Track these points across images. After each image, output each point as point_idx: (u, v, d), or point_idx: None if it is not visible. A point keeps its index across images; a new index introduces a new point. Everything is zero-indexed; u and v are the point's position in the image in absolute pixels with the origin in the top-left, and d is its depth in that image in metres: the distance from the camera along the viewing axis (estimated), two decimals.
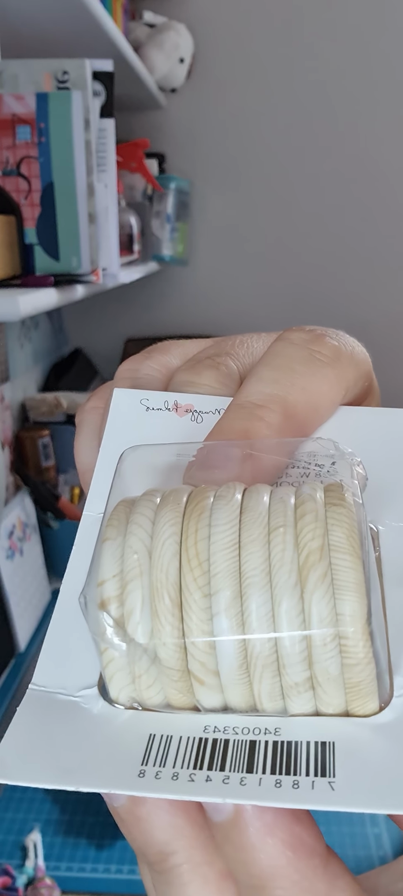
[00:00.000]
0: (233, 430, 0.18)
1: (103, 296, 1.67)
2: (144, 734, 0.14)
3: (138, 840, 0.14)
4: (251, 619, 0.14)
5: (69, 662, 0.16)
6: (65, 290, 0.75)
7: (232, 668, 0.14)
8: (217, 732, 0.14)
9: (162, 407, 0.19)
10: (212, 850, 0.14)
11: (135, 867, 0.66)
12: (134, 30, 1.40)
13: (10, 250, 0.75)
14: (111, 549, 0.15)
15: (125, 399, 0.19)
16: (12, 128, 0.76)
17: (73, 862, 0.67)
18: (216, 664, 0.14)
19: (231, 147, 1.58)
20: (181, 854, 0.14)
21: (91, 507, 0.18)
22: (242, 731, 0.14)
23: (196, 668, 0.14)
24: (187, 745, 0.14)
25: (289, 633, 0.14)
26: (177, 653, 0.14)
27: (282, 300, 1.65)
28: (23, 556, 1.08)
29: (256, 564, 0.14)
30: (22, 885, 0.64)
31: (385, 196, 1.58)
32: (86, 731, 0.14)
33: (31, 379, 1.40)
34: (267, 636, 0.14)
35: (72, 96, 0.76)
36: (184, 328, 1.69)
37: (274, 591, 0.14)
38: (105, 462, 0.18)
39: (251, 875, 0.14)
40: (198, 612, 0.14)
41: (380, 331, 1.65)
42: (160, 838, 0.14)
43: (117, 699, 0.15)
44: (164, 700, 0.15)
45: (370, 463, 0.18)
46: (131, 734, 0.14)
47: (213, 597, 0.14)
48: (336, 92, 1.54)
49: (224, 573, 0.14)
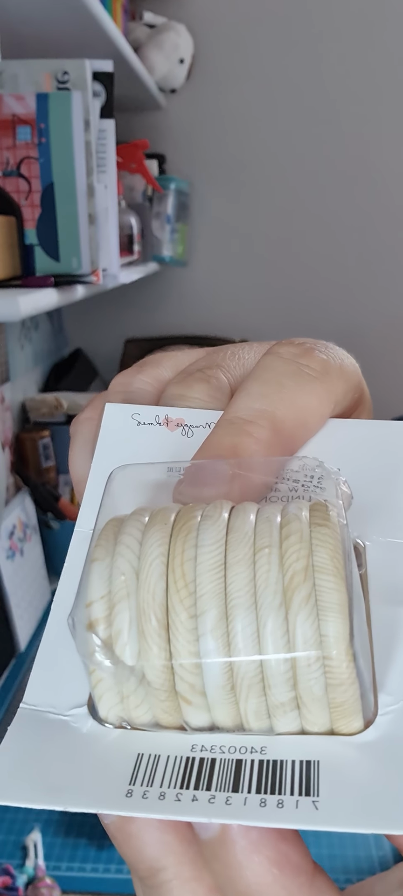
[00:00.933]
0: (222, 447, 0.18)
1: (103, 296, 1.67)
2: (132, 753, 0.14)
3: (129, 855, 0.15)
4: (236, 639, 0.14)
5: (60, 682, 0.16)
6: (65, 290, 0.75)
7: (219, 688, 0.14)
8: (204, 751, 0.14)
9: (153, 421, 0.19)
10: (201, 866, 0.14)
11: None
12: (134, 30, 1.40)
13: (10, 251, 0.75)
14: (99, 570, 0.15)
15: (117, 414, 0.19)
16: (12, 128, 0.76)
17: (74, 862, 0.67)
18: (203, 685, 0.14)
19: (231, 148, 1.58)
20: (170, 870, 0.14)
21: (82, 523, 0.18)
22: (229, 749, 0.14)
23: (183, 688, 0.14)
24: (174, 765, 0.14)
25: (275, 656, 0.14)
26: (164, 674, 0.14)
27: (282, 301, 1.65)
28: (23, 557, 1.09)
29: (241, 585, 0.14)
30: (22, 884, 0.64)
31: (386, 198, 1.58)
32: (75, 750, 0.15)
33: (31, 380, 1.40)
34: (252, 658, 0.14)
35: (73, 97, 0.76)
36: (184, 328, 1.69)
37: (260, 611, 0.14)
38: (96, 478, 0.18)
39: (238, 892, 0.14)
40: (185, 634, 0.14)
41: (379, 333, 1.65)
42: (150, 854, 0.14)
43: (106, 718, 0.15)
44: (152, 719, 0.15)
45: (358, 476, 0.18)
46: (120, 753, 0.14)
47: (199, 618, 0.14)
48: (337, 92, 1.54)
49: (209, 594, 0.14)
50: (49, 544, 1.25)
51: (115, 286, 0.93)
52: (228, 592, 0.14)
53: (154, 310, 1.68)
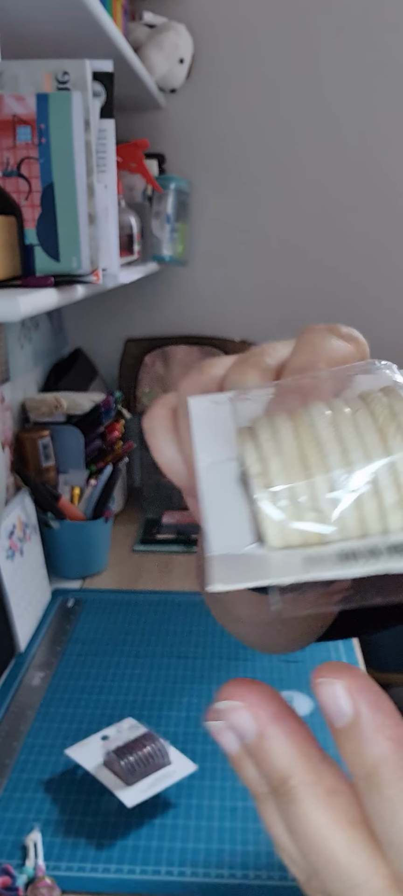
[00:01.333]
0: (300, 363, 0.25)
1: (103, 296, 1.67)
2: (300, 554, 0.20)
3: (265, 767, 0.20)
4: (355, 464, 0.20)
5: (230, 529, 0.21)
6: (65, 290, 0.75)
7: (348, 499, 0.20)
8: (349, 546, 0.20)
9: (227, 402, 0.24)
10: (320, 773, 0.20)
11: (134, 867, 0.66)
12: (133, 30, 1.40)
13: (10, 251, 0.75)
14: (255, 438, 0.21)
15: (200, 402, 0.24)
16: (13, 128, 0.76)
17: (73, 862, 0.67)
18: (333, 500, 0.20)
19: (230, 147, 1.58)
20: (297, 777, 0.20)
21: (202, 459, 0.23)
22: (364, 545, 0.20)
23: (324, 506, 0.20)
24: (332, 555, 0.20)
25: (381, 461, 0.20)
26: (311, 499, 0.20)
27: (281, 301, 1.65)
28: (23, 556, 1.09)
29: (350, 433, 0.20)
30: (22, 884, 0.64)
31: (386, 196, 1.58)
32: (257, 563, 0.20)
33: (31, 379, 1.40)
34: (367, 468, 0.20)
35: (73, 97, 0.76)
36: (184, 328, 1.69)
37: (367, 445, 0.20)
38: (204, 440, 0.23)
39: (364, 766, 0.19)
40: (319, 465, 0.20)
41: (380, 332, 1.65)
42: (281, 765, 0.20)
43: (274, 543, 0.20)
44: (303, 541, 0.20)
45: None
46: (291, 556, 0.20)
47: (330, 456, 0.20)
48: (336, 92, 1.54)
49: (332, 440, 0.20)
50: (49, 544, 1.25)
51: (115, 286, 0.93)
52: (343, 438, 0.20)
53: (154, 309, 1.68)
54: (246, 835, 0.70)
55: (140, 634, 1.07)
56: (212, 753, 0.81)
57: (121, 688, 0.94)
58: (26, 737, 0.84)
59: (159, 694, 0.93)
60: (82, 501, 1.28)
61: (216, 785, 0.76)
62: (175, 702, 0.91)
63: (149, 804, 0.73)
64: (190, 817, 0.72)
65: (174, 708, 0.90)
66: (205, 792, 0.76)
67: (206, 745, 0.82)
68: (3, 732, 0.85)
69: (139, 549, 1.40)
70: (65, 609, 1.15)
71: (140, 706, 0.90)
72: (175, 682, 0.95)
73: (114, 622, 1.10)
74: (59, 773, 0.78)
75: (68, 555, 1.24)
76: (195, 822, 0.72)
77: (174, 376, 1.65)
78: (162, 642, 1.05)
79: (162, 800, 0.74)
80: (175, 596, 1.19)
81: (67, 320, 1.69)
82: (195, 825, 0.71)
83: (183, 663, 0.99)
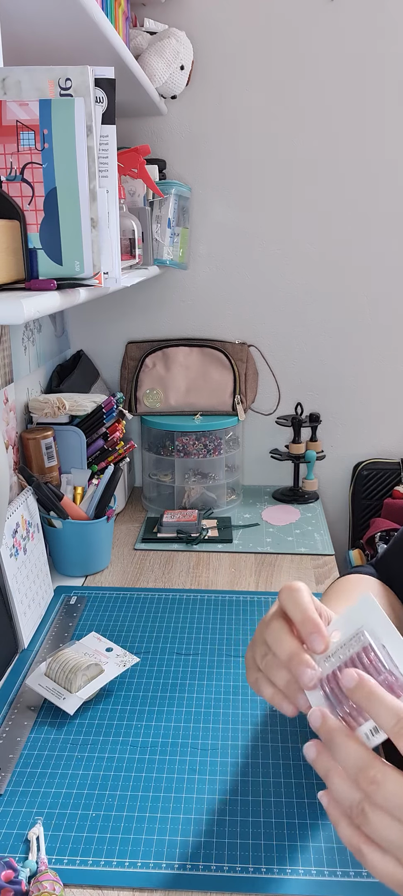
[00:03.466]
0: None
1: (105, 299, 1.69)
2: None
3: (385, 707, 0.35)
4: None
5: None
6: (67, 293, 0.76)
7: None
8: None
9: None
10: (377, 758, 0.33)
11: (136, 861, 0.67)
12: (134, 37, 1.42)
13: (14, 255, 0.76)
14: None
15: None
16: (16, 134, 0.78)
17: (75, 855, 0.68)
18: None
19: (230, 153, 1.60)
20: (374, 766, 0.31)
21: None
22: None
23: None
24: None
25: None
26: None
27: (281, 305, 1.67)
28: (26, 555, 1.10)
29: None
30: (25, 878, 0.65)
31: (387, 201, 1.59)
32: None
33: (34, 381, 1.41)
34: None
35: (75, 103, 0.77)
36: (184, 330, 1.70)
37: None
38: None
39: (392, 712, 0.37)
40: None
41: (379, 336, 1.66)
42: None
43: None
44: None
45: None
46: None
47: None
48: (337, 98, 1.55)
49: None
50: (52, 542, 1.26)
51: (117, 289, 0.94)
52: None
53: (154, 312, 1.70)
54: (245, 828, 0.71)
55: (141, 631, 1.08)
56: (213, 746, 0.82)
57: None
58: (29, 732, 0.85)
59: (160, 690, 0.94)
60: (84, 501, 1.29)
61: (216, 780, 0.78)
62: (176, 698, 0.92)
63: (152, 799, 0.74)
64: (190, 812, 0.73)
65: (175, 704, 0.91)
66: (206, 787, 0.77)
67: (206, 741, 0.83)
68: (7, 728, 0.86)
69: (140, 547, 1.41)
70: (67, 606, 1.16)
71: (141, 702, 0.91)
72: (176, 678, 0.96)
73: (116, 619, 1.12)
74: (61, 769, 0.79)
75: (71, 553, 1.25)
76: (196, 816, 0.73)
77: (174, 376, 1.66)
78: (163, 639, 1.06)
79: (165, 794, 0.75)
80: (176, 593, 1.20)
81: (70, 323, 1.71)
82: (196, 819, 0.72)
83: (184, 660, 1.01)
